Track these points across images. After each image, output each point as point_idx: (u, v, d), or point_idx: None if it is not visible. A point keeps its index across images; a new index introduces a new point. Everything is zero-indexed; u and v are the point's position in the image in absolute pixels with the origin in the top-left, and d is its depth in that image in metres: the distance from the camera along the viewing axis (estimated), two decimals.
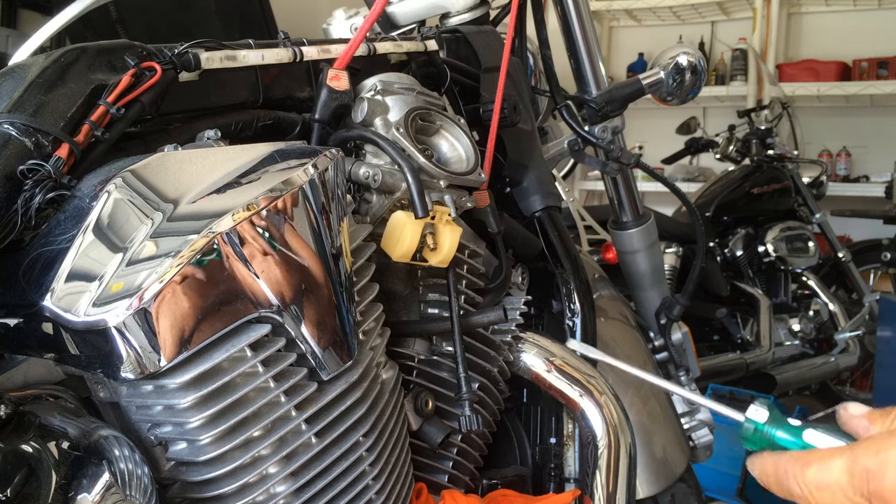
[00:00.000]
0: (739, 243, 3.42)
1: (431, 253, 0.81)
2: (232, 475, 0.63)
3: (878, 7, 4.86)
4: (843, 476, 0.46)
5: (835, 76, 4.74)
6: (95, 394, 0.63)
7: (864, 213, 4.18)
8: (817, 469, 0.47)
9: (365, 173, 0.81)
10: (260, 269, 0.60)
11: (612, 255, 1.82)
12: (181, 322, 0.57)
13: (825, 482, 0.47)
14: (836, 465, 0.46)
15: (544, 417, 1.06)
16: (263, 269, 0.60)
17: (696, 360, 1.53)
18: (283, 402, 0.65)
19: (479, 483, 0.96)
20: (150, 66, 0.70)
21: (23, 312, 0.59)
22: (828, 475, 0.47)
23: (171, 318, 0.56)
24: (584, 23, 1.26)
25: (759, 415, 0.53)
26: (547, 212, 1.07)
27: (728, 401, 2.67)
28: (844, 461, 0.46)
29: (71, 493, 0.53)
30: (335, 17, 1.19)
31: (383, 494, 0.76)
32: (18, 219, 0.60)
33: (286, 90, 0.85)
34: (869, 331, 3.45)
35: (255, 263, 0.60)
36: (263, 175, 0.63)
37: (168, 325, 0.56)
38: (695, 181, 4.78)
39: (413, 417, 0.84)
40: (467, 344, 0.88)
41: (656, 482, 1.20)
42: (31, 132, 0.62)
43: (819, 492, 0.47)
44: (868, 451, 0.45)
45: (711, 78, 5.02)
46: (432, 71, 1.01)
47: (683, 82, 1.32)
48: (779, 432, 0.52)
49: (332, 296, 0.66)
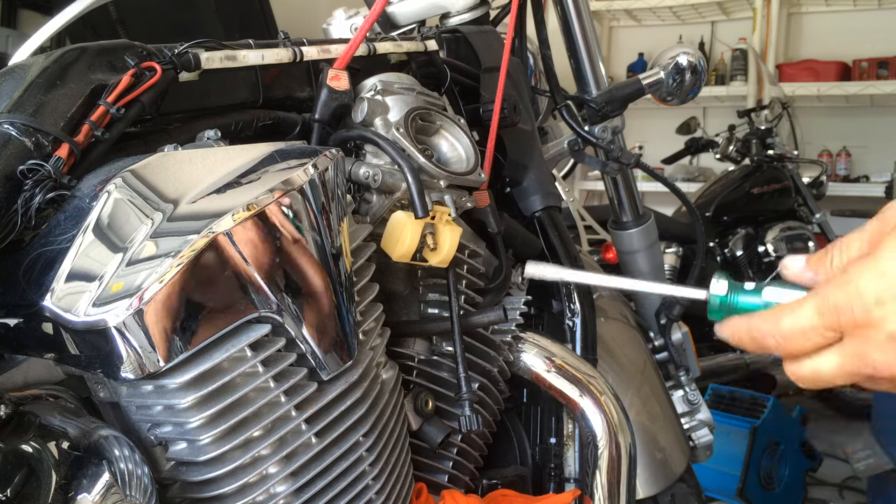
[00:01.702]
0: (739, 243, 3.42)
1: (431, 253, 0.81)
2: (232, 475, 0.63)
3: (878, 7, 4.86)
4: (814, 317, 0.50)
5: (835, 76, 4.74)
6: (95, 394, 0.63)
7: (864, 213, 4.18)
8: (790, 318, 0.51)
9: (365, 173, 0.81)
10: (260, 269, 0.60)
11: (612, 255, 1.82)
12: (181, 322, 0.57)
13: (799, 327, 0.50)
14: (805, 311, 0.50)
15: (544, 417, 1.06)
16: (263, 269, 0.60)
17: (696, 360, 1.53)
18: (283, 402, 0.65)
19: (479, 483, 0.96)
20: (150, 66, 0.70)
21: (23, 312, 0.59)
22: (800, 320, 0.50)
23: (171, 318, 0.56)
24: (584, 23, 1.26)
25: (719, 287, 0.57)
26: (547, 212, 1.07)
27: (728, 401, 2.67)
28: (813, 304, 0.50)
29: (71, 493, 0.53)
30: (335, 17, 1.19)
31: (383, 494, 0.76)
32: (18, 219, 0.60)
33: (286, 90, 0.85)
34: None
35: (254, 263, 0.60)
36: (263, 175, 0.63)
37: (168, 325, 0.56)
38: (695, 181, 4.78)
39: (413, 417, 0.84)
40: (467, 344, 0.88)
41: (656, 482, 1.20)
42: (31, 132, 0.62)
43: (793, 338, 0.51)
44: (832, 290, 0.49)
45: (711, 78, 5.02)
46: (432, 71, 1.01)
47: (683, 82, 1.32)
48: (741, 297, 0.56)
49: (332, 296, 0.66)
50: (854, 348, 0.49)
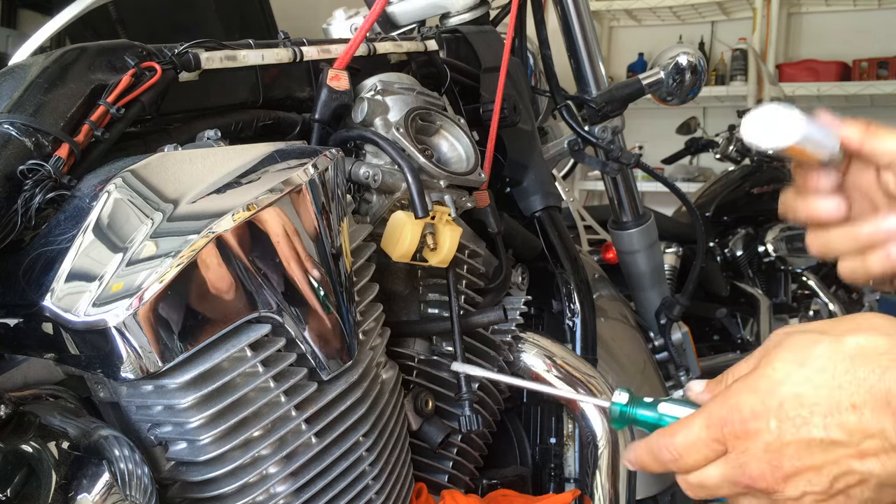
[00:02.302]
0: (739, 243, 3.41)
1: (431, 253, 0.81)
2: (232, 475, 0.63)
3: (878, 7, 4.86)
4: (703, 431, 0.53)
5: (835, 76, 4.74)
6: (95, 394, 0.63)
7: None
8: (682, 433, 0.54)
9: (365, 173, 0.81)
10: (260, 269, 0.60)
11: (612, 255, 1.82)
12: (181, 322, 0.57)
13: (690, 441, 0.54)
14: (695, 425, 0.54)
15: (544, 417, 1.06)
16: (263, 269, 0.60)
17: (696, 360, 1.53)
18: (283, 402, 0.65)
19: (479, 483, 0.96)
20: (150, 66, 0.70)
21: (23, 312, 0.59)
22: (691, 434, 0.54)
23: (171, 318, 0.56)
24: (584, 23, 1.26)
25: (620, 397, 0.61)
26: (547, 212, 1.07)
27: None
28: (702, 419, 0.54)
29: (71, 493, 0.53)
30: (335, 17, 1.19)
31: (383, 494, 0.76)
32: (18, 219, 0.60)
33: (286, 90, 0.85)
34: None
35: (254, 263, 0.60)
36: (263, 175, 0.63)
37: (168, 325, 0.56)
38: (695, 181, 4.77)
39: (413, 417, 0.84)
40: (467, 344, 0.88)
41: (656, 482, 1.20)
42: (31, 132, 0.62)
43: (687, 452, 0.54)
44: (717, 405, 0.53)
45: (711, 78, 5.01)
46: (432, 71, 1.01)
47: (683, 82, 1.32)
48: (639, 410, 0.60)
49: (332, 296, 0.66)
50: (736, 459, 0.52)
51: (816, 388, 0.50)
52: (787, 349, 0.53)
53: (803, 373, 0.51)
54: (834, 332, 0.52)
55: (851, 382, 0.49)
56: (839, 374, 0.50)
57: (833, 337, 0.52)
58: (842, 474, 0.50)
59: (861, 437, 0.49)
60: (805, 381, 0.51)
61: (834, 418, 0.49)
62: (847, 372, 0.50)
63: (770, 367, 0.52)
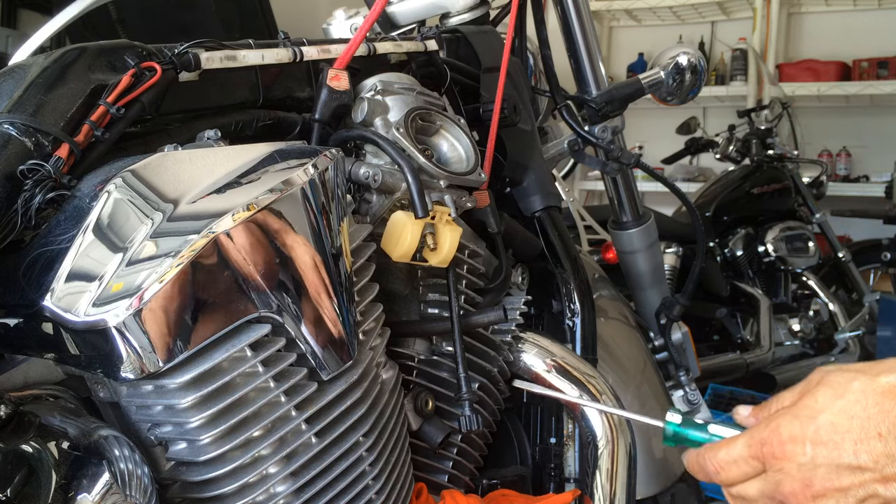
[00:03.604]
0: (739, 243, 3.41)
1: (431, 253, 0.81)
2: (232, 475, 0.63)
3: (878, 7, 4.86)
4: (744, 450, 0.60)
5: (835, 76, 4.73)
6: (95, 394, 0.63)
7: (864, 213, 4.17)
8: (725, 450, 0.61)
9: (365, 173, 0.81)
10: (260, 269, 0.60)
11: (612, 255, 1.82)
12: (181, 322, 0.57)
13: (731, 457, 0.61)
14: (738, 444, 0.61)
15: (544, 417, 1.06)
16: (263, 269, 0.60)
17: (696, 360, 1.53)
18: (283, 402, 0.65)
19: (479, 483, 0.96)
20: (150, 66, 0.70)
21: (23, 312, 0.59)
22: (733, 452, 0.61)
23: (171, 318, 0.56)
24: (584, 23, 1.26)
25: (674, 418, 0.67)
26: (547, 212, 1.07)
27: (728, 401, 2.67)
28: (745, 439, 0.61)
29: (71, 493, 0.53)
30: (335, 17, 1.19)
31: (383, 494, 0.76)
32: (18, 219, 0.60)
33: (286, 90, 0.85)
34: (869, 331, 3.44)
35: (254, 263, 0.60)
36: (263, 175, 0.63)
37: (168, 325, 0.56)
38: (695, 181, 4.77)
39: (413, 417, 0.84)
40: (467, 344, 0.88)
41: (656, 482, 1.20)
42: (31, 132, 0.62)
43: (728, 466, 0.61)
44: (760, 428, 0.60)
45: (711, 78, 5.01)
46: (432, 71, 1.01)
47: (683, 82, 1.32)
48: (691, 430, 0.66)
49: (332, 296, 0.66)
50: (773, 477, 0.59)
51: (850, 418, 0.56)
52: (828, 385, 0.58)
53: (839, 405, 0.57)
54: (870, 371, 0.58)
55: (879, 414, 0.55)
56: (870, 406, 0.56)
57: (868, 376, 0.57)
58: (867, 497, 0.55)
59: (886, 463, 0.55)
60: (840, 412, 0.57)
61: (863, 445, 0.55)
62: (877, 405, 0.56)
63: (811, 398, 0.59)
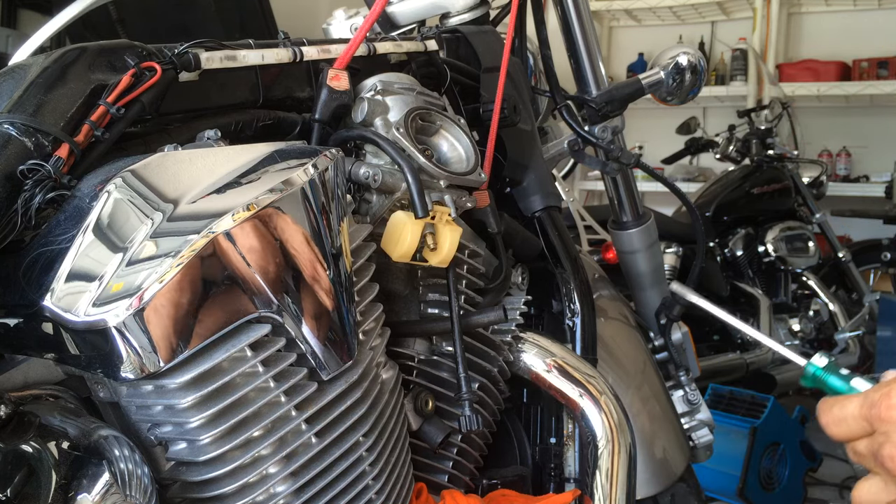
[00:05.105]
0: (739, 243, 3.42)
1: (431, 253, 0.81)
2: (232, 475, 0.63)
3: (878, 7, 4.86)
4: (855, 409, 0.61)
5: (835, 76, 4.74)
6: (95, 394, 0.63)
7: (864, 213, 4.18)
8: (839, 406, 0.62)
9: (365, 173, 0.81)
10: (260, 268, 0.60)
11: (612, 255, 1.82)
12: (181, 322, 0.57)
13: (843, 415, 0.61)
14: (852, 402, 0.61)
15: (544, 417, 1.06)
16: (263, 269, 0.60)
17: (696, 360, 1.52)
18: (283, 402, 0.65)
19: (479, 483, 0.96)
20: (150, 66, 0.70)
21: (23, 312, 0.59)
22: (845, 410, 0.61)
23: (171, 318, 0.56)
24: (584, 23, 1.26)
25: (819, 361, 0.67)
26: (547, 212, 1.06)
27: (728, 401, 2.67)
28: (859, 398, 0.61)
29: (71, 493, 0.53)
30: (335, 17, 1.19)
31: (383, 494, 0.76)
32: (18, 219, 0.60)
33: (286, 90, 0.85)
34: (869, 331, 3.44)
35: (254, 263, 0.60)
36: (263, 175, 0.63)
37: (168, 325, 0.56)
38: (695, 181, 4.78)
39: (413, 417, 0.84)
40: (467, 344, 0.88)
41: (656, 482, 1.20)
42: (31, 132, 0.62)
43: (837, 423, 0.62)
44: (876, 389, 0.60)
45: (711, 78, 5.01)
46: (432, 71, 1.01)
47: (683, 82, 1.32)
48: (831, 377, 0.67)
49: (332, 296, 0.66)
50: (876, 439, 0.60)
51: None
52: None
53: None
54: None
55: None
56: None
57: None
58: None
59: None
60: None
61: None
62: None
63: None
